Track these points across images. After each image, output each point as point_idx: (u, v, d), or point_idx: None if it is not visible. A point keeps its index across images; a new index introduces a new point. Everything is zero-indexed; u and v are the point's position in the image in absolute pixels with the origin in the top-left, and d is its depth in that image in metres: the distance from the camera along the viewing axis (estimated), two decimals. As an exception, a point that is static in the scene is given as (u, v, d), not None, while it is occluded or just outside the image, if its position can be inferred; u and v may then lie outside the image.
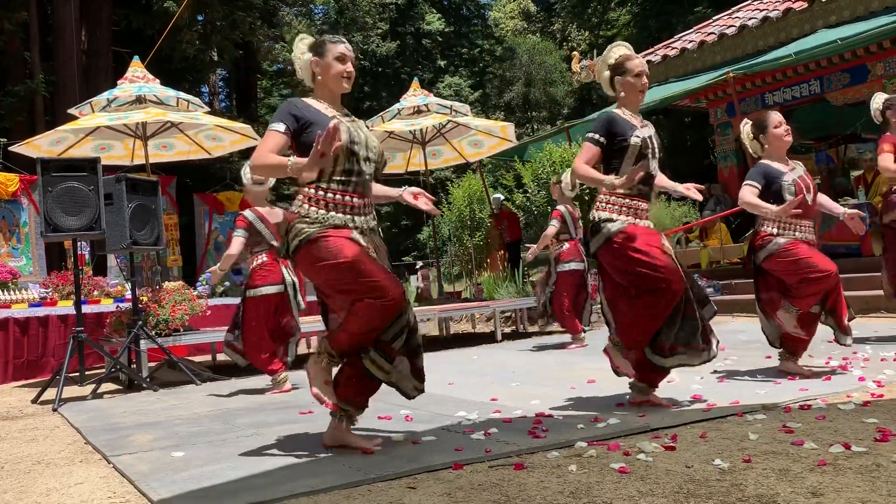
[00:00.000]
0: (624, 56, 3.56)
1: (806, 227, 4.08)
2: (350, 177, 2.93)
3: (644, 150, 3.45)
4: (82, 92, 12.70)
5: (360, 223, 2.95)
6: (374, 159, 3.02)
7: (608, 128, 3.49)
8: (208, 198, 13.71)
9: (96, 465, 3.21)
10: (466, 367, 5.92)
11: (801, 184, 4.06)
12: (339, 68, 3.00)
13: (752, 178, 4.12)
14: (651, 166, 3.50)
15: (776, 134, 4.11)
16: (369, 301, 2.81)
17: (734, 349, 5.44)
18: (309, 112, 2.97)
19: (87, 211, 5.53)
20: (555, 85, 28.74)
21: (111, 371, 5.83)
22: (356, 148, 2.93)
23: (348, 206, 2.93)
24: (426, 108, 9.80)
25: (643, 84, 3.53)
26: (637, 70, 3.51)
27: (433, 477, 2.53)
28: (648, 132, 3.51)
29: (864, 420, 2.88)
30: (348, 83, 3.04)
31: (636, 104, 3.60)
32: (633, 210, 3.47)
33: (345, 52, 3.01)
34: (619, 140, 3.45)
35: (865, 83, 10.27)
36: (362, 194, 2.99)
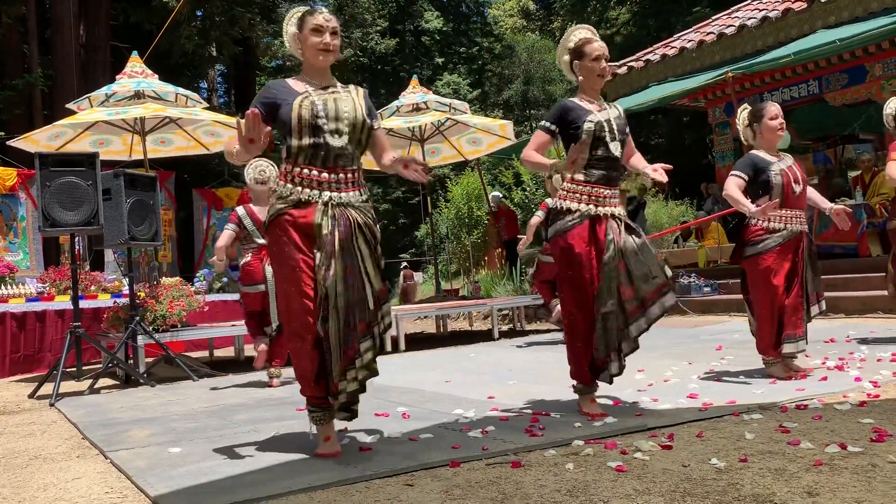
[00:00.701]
0: (583, 40, 3.43)
1: (796, 218, 4.07)
2: (317, 150, 2.88)
3: (600, 133, 3.32)
4: (80, 87, 12.69)
5: (331, 198, 2.87)
6: (345, 130, 2.91)
7: (561, 115, 3.38)
8: (207, 193, 13.70)
9: (93, 461, 3.22)
10: (464, 364, 5.93)
11: (789, 174, 4.06)
12: (315, 41, 2.90)
13: (740, 169, 4.13)
14: (612, 148, 3.36)
15: (770, 126, 4.12)
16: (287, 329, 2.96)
17: (730, 348, 5.45)
18: (281, 92, 2.93)
19: (85, 206, 5.53)
20: (553, 83, 28.70)
21: (108, 366, 5.82)
22: (320, 122, 2.86)
23: (315, 182, 2.88)
24: (425, 105, 9.80)
25: (602, 68, 3.40)
26: (595, 54, 3.38)
27: (430, 474, 2.53)
28: (607, 115, 3.39)
29: (860, 420, 2.89)
30: (325, 56, 2.93)
31: (596, 89, 3.46)
32: (594, 198, 3.35)
33: (321, 23, 2.90)
34: (573, 128, 3.34)
35: (864, 84, 10.29)
36: (333, 168, 2.90)
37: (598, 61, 3.39)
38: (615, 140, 3.38)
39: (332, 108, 2.91)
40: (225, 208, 13.25)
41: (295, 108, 2.87)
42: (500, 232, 12.74)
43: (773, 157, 4.13)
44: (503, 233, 12.72)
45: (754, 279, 4.10)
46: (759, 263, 4.03)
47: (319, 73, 3.01)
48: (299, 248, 2.87)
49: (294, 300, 2.86)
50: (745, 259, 4.12)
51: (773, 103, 4.22)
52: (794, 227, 4.06)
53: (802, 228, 4.10)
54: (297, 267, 2.85)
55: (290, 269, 2.87)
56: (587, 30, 3.52)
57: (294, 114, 2.86)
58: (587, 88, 3.46)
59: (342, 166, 2.93)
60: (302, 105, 2.87)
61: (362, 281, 2.88)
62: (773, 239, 4.02)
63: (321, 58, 2.95)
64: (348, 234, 2.87)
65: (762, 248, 4.02)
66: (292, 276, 2.86)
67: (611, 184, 3.42)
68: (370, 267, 2.91)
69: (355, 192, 2.97)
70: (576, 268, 3.31)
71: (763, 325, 4.08)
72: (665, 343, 6.06)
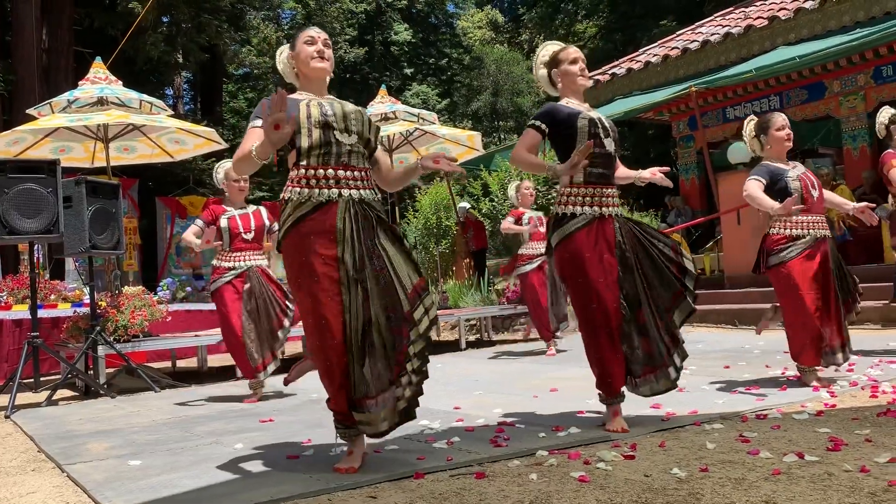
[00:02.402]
0: (556, 50, 3.47)
1: (817, 223, 4.08)
2: (329, 148, 2.83)
3: (594, 129, 3.28)
4: (42, 92, 12.48)
5: (350, 195, 2.81)
6: (356, 129, 2.89)
7: (552, 115, 3.34)
8: (170, 201, 13.55)
9: (49, 474, 3.14)
10: (430, 375, 5.89)
11: (806, 180, 4.09)
12: (309, 50, 2.94)
13: (758, 174, 4.12)
14: (607, 144, 3.31)
15: (777, 137, 4.14)
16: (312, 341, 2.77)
17: (693, 359, 5.50)
18: None
19: (45, 213, 5.43)
20: (522, 95, 28.96)
21: (67, 377, 5.71)
22: (329, 119, 2.84)
23: (332, 180, 2.80)
24: (394, 115, 9.80)
25: (580, 69, 3.39)
26: (572, 56, 3.39)
27: (395, 486, 2.52)
28: (597, 114, 3.39)
29: (817, 430, 2.95)
30: (321, 62, 2.94)
31: (579, 91, 3.42)
32: (597, 198, 3.28)
33: (313, 35, 2.96)
34: (565, 127, 3.29)
35: (822, 100, 10.55)
36: (348, 165, 2.85)
37: (576, 63, 3.40)
38: (609, 136, 3.35)
39: (338, 109, 2.90)
40: (189, 216, 13.12)
41: (303, 108, 2.84)
42: (469, 242, 12.77)
43: (785, 165, 4.16)
44: (471, 243, 12.75)
45: (781, 288, 4.09)
46: (784, 271, 4.03)
47: (317, 86, 3.00)
48: (322, 258, 2.73)
49: (320, 316, 2.72)
50: (770, 269, 4.12)
51: (779, 114, 4.23)
52: (817, 231, 4.07)
53: (825, 233, 4.10)
54: (320, 280, 2.72)
55: (311, 284, 2.73)
56: (557, 43, 3.56)
57: (303, 114, 2.82)
58: (571, 92, 3.44)
59: (356, 164, 2.89)
60: (310, 105, 2.85)
61: (392, 280, 2.76)
62: (796, 246, 4.03)
63: (317, 65, 2.94)
64: (371, 235, 2.79)
65: (786, 256, 4.04)
66: (315, 290, 2.72)
67: (610, 182, 3.38)
68: (399, 264, 2.80)
69: (371, 190, 2.92)
70: (587, 269, 3.21)
71: (793, 332, 4.06)
72: (629, 353, 6.11)
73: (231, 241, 4.97)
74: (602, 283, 3.21)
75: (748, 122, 4.35)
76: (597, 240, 3.25)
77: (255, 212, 5.11)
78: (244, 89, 28.94)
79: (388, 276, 2.76)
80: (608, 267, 3.24)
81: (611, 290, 3.22)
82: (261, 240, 5.07)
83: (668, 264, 3.30)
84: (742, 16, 11.57)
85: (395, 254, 2.82)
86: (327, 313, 2.72)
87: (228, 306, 4.90)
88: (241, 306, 4.86)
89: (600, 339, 3.24)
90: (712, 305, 8.43)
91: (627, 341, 3.26)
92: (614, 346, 3.24)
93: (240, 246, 4.97)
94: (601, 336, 3.23)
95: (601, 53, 20.22)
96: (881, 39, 8.38)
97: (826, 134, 11.45)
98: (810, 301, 3.97)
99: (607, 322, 3.21)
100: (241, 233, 4.97)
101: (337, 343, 2.71)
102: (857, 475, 2.28)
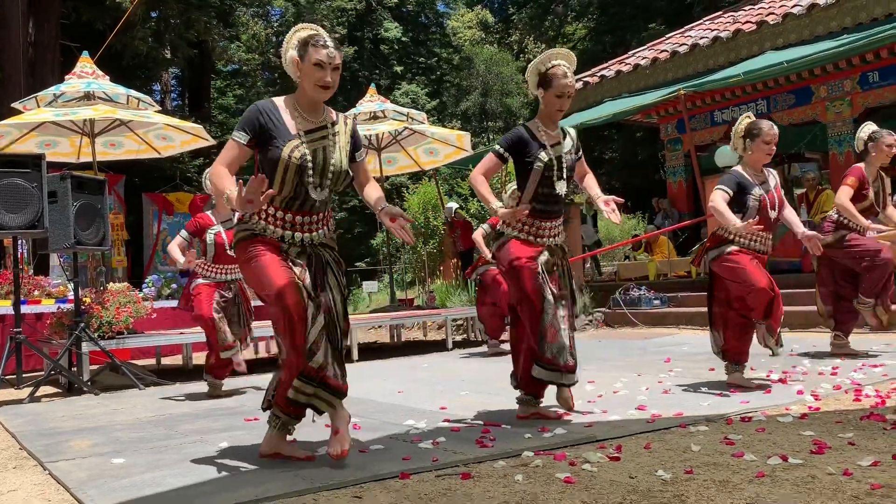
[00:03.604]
0: (554, 72, 3.44)
1: (763, 238, 4.14)
2: (296, 200, 2.88)
3: (548, 172, 3.42)
4: (28, 85, 12.36)
5: (304, 239, 2.91)
6: (329, 185, 2.92)
7: (516, 145, 3.48)
8: (157, 198, 13.45)
9: (31, 472, 3.11)
10: (417, 374, 5.91)
11: (768, 199, 4.12)
12: (316, 76, 2.83)
13: (726, 184, 4.14)
14: (558, 187, 3.46)
15: (761, 147, 4.15)
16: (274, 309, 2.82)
17: (679, 361, 5.55)
18: (274, 122, 2.85)
19: (30, 208, 5.39)
20: (511, 96, 28.99)
21: (50, 374, 5.66)
22: (306, 177, 2.84)
23: (288, 223, 2.89)
24: (383, 114, 9.80)
25: (561, 105, 3.45)
26: (558, 91, 3.42)
27: (380, 486, 2.52)
28: (559, 151, 3.46)
29: (801, 433, 2.96)
30: (324, 93, 2.87)
31: (554, 121, 3.53)
32: (534, 229, 3.50)
33: (324, 60, 2.82)
34: (526, 160, 3.45)
35: (809, 105, 10.63)
36: (308, 213, 2.92)
37: (561, 98, 3.44)
38: (562, 179, 3.49)
39: (320, 160, 2.89)
40: (175, 213, 13.03)
41: (284, 154, 2.81)
42: (456, 242, 12.77)
43: (757, 178, 4.18)
44: (459, 243, 12.75)
45: (727, 273, 4.08)
46: (730, 258, 4.06)
47: (313, 105, 2.95)
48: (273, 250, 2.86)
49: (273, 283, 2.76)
50: (712, 262, 4.16)
51: (771, 125, 4.21)
52: (759, 247, 4.13)
53: (767, 251, 4.17)
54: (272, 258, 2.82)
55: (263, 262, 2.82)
56: (564, 59, 3.49)
57: (282, 161, 2.82)
58: (545, 117, 3.53)
59: (318, 210, 2.96)
60: (292, 155, 2.82)
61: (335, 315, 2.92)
62: (736, 243, 4.10)
63: (320, 94, 2.90)
64: (320, 274, 2.93)
65: (727, 248, 4.09)
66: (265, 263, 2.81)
67: (552, 216, 3.55)
68: (338, 303, 2.95)
69: (325, 228, 3.00)
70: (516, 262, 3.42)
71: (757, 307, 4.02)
72: (615, 355, 6.14)
73: (215, 255, 5.01)
74: (528, 270, 3.40)
75: (743, 118, 4.30)
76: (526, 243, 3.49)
77: None
78: (233, 86, 28.81)
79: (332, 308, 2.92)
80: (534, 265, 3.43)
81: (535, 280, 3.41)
82: None
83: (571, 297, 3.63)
84: (731, 20, 11.64)
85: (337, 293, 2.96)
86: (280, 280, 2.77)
87: (202, 297, 4.96)
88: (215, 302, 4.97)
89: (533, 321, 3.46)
90: (698, 308, 8.46)
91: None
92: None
93: (224, 259, 5.02)
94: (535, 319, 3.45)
95: (590, 55, 20.28)
96: (868, 45, 8.45)
97: (812, 138, 11.53)
98: (759, 274, 3.98)
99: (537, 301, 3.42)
100: (226, 248, 4.99)
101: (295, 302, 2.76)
102: (841, 478, 2.30)
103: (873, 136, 5.09)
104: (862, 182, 5.06)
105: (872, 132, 5.13)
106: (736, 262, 4.06)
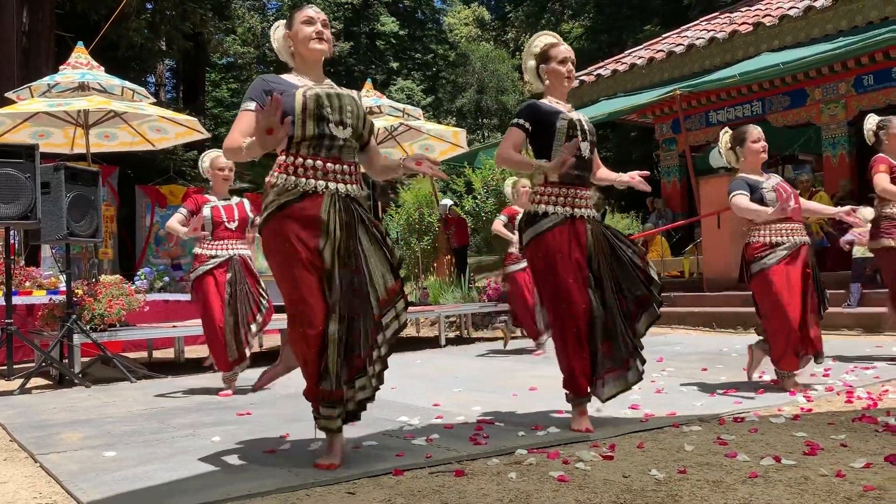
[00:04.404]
0: (548, 44, 3.45)
1: (796, 230, 4.12)
2: (322, 140, 2.78)
3: (573, 131, 3.31)
4: (21, 75, 12.27)
5: (337, 189, 2.78)
6: (351, 123, 2.84)
7: (534, 114, 3.34)
8: (151, 190, 13.40)
9: (22, 464, 3.10)
10: (410, 371, 5.91)
11: (781, 190, 4.13)
12: (307, 30, 2.85)
13: (738, 188, 4.16)
14: (583, 148, 3.33)
15: (753, 149, 4.19)
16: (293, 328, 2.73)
17: (671, 361, 5.56)
18: (279, 84, 2.83)
19: (23, 199, 5.35)
20: (507, 93, 29.00)
21: (41, 366, 5.62)
22: (325, 112, 2.78)
23: (320, 172, 2.77)
24: (379, 109, 9.78)
25: (568, 70, 3.40)
26: (562, 56, 3.39)
27: (373, 482, 2.51)
28: (577, 115, 3.40)
29: (794, 434, 2.97)
30: (320, 44, 2.86)
31: (563, 92, 3.45)
32: (570, 199, 3.29)
33: (311, 15, 2.87)
34: (546, 126, 3.31)
35: (804, 107, 10.67)
36: (338, 159, 2.81)
37: (565, 63, 3.39)
38: (586, 140, 3.37)
39: (335, 100, 2.84)
40: (169, 206, 12.97)
41: (299, 97, 2.76)
42: (450, 239, 12.77)
43: (760, 177, 4.21)
44: (453, 240, 12.75)
45: (763, 294, 4.09)
46: (766, 278, 4.05)
47: (313, 69, 2.92)
48: (304, 244, 2.70)
49: (299, 300, 2.70)
50: (753, 277, 4.13)
51: (754, 126, 4.26)
52: (797, 238, 4.10)
53: (805, 239, 4.14)
54: (302, 265, 2.70)
55: (293, 267, 2.71)
56: (552, 35, 3.52)
57: (298, 102, 2.75)
58: (555, 92, 3.45)
59: (346, 158, 2.85)
60: (306, 95, 2.78)
61: (365, 282, 2.75)
62: (776, 252, 4.06)
63: (316, 46, 2.86)
64: (353, 232, 2.77)
65: (766, 263, 4.06)
66: (297, 274, 2.70)
67: (585, 184, 3.39)
68: (374, 265, 2.79)
69: (358, 185, 2.88)
70: (558, 268, 3.21)
71: (775, 338, 4.05)
72: (609, 354, 6.13)
73: (214, 230, 4.93)
74: (572, 283, 3.20)
75: (723, 135, 4.39)
76: (568, 239, 3.25)
77: (239, 203, 5.08)
78: (227, 79, 28.71)
79: (362, 277, 2.76)
80: (578, 267, 3.24)
81: (581, 290, 3.22)
82: (244, 230, 5.03)
83: (636, 271, 3.33)
84: (727, 21, 11.66)
85: (373, 254, 2.81)
86: (309, 299, 2.68)
87: (210, 297, 4.85)
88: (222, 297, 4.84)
89: (569, 338, 3.23)
90: (691, 308, 8.50)
91: (594, 343, 3.25)
92: (582, 346, 3.23)
93: (223, 234, 4.93)
94: (569, 336, 3.23)
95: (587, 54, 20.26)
96: (863, 48, 8.48)
97: (806, 141, 11.57)
98: (791, 308, 3.99)
99: (576, 322, 3.21)
100: (224, 221, 4.94)
101: (316, 333, 2.67)
102: (833, 480, 2.30)
103: (882, 125, 5.07)
104: (891, 167, 4.97)
105: (880, 121, 5.11)
106: (770, 282, 4.02)
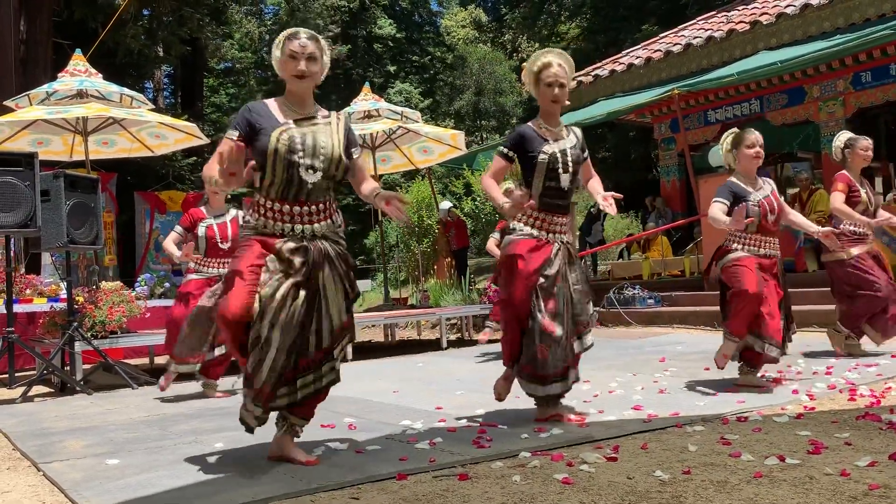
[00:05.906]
0: (543, 64, 3.50)
1: (768, 243, 4.19)
2: (290, 185, 2.87)
3: (553, 165, 3.44)
4: (20, 83, 12.25)
5: (304, 230, 2.89)
6: (321, 167, 2.90)
7: (519, 142, 3.51)
8: (150, 196, 13.39)
9: (25, 473, 3.09)
10: (411, 374, 5.90)
11: (766, 204, 4.19)
12: (290, 66, 2.91)
13: (721, 195, 4.23)
14: (563, 180, 3.47)
15: (746, 154, 4.24)
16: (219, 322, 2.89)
17: (673, 361, 5.55)
18: (263, 117, 2.91)
19: (23, 207, 5.36)
20: (504, 95, 29.00)
21: (43, 373, 5.62)
22: (295, 157, 2.85)
23: (287, 215, 2.88)
24: (377, 112, 9.78)
25: (553, 95, 3.47)
26: (548, 80, 3.46)
27: (377, 487, 2.51)
28: (563, 146, 3.48)
29: (798, 433, 2.97)
30: (300, 82, 2.92)
31: (553, 115, 3.56)
32: (546, 223, 3.49)
33: (296, 50, 2.90)
34: (529, 155, 3.47)
35: (802, 105, 10.66)
36: (305, 202, 2.90)
37: (550, 88, 3.47)
38: (567, 171, 3.49)
39: (309, 143, 2.89)
40: (168, 212, 12.97)
41: (272, 140, 2.84)
42: (450, 241, 12.77)
43: (751, 185, 4.24)
44: (453, 242, 12.75)
45: (732, 274, 4.08)
46: (734, 265, 4.09)
47: (299, 98, 2.99)
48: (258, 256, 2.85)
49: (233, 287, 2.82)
50: (721, 270, 4.17)
51: (752, 131, 4.31)
52: (768, 251, 4.17)
53: (775, 253, 4.20)
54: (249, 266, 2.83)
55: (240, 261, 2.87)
56: (553, 55, 3.55)
57: (270, 147, 2.84)
58: (544, 113, 3.57)
59: (315, 199, 2.93)
60: (279, 139, 2.84)
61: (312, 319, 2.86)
62: (745, 250, 4.13)
63: (298, 84, 2.94)
64: (317, 267, 2.87)
65: (738, 255, 4.11)
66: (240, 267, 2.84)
67: (562, 211, 3.55)
68: (332, 299, 2.91)
69: (327, 221, 2.96)
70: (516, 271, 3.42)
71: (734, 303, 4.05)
72: (610, 354, 6.14)
73: (207, 249, 5.01)
74: (523, 283, 3.38)
75: (727, 136, 4.45)
76: (536, 248, 3.44)
77: (234, 220, 5.10)
78: (226, 84, 28.72)
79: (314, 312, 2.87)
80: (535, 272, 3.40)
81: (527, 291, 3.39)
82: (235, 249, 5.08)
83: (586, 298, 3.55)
84: (724, 20, 11.65)
85: (333, 293, 2.92)
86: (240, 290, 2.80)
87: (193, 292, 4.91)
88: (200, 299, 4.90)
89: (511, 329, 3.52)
90: (692, 307, 8.49)
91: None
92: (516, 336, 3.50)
93: (215, 253, 5.01)
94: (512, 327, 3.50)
95: (584, 55, 20.28)
96: (861, 46, 8.48)
97: (805, 138, 11.56)
98: (754, 280, 3.99)
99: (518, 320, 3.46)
100: (217, 242, 4.98)
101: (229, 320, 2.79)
102: (838, 478, 2.30)
103: (849, 143, 5.27)
104: (850, 186, 5.17)
105: (848, 139, 5.31)
106: (738, 264, 4.09)
